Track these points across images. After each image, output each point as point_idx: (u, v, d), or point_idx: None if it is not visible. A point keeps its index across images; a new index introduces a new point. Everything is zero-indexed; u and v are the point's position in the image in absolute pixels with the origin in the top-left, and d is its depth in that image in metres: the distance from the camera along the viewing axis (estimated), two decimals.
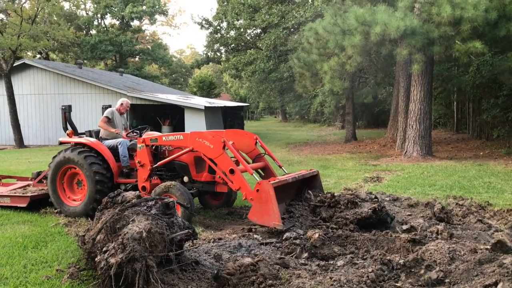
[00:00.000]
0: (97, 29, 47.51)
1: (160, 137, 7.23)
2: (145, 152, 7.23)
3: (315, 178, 7.05)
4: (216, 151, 6.48)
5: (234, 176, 6.30)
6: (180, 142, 7.01)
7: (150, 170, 7.19)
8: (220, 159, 6.45)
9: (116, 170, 7.60)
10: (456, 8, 12.25)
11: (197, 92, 51.02)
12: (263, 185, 5.83)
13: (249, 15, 33.50)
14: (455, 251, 4.55)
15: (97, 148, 7.61)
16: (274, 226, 5.71)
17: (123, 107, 8.53)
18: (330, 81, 16.30)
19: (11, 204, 7.93)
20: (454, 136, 22.22)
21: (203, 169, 7.11)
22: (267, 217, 5.74)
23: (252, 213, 5.94)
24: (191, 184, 7.25)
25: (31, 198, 7.86)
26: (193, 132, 6.87)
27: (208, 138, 6.61)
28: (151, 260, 4.15)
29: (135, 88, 27.14)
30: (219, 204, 8.04)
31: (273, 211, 5.66)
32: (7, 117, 23.95)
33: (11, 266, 5.01)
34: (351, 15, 13.77)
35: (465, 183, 9.95)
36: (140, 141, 7.28)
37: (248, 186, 6.15)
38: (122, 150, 7.67)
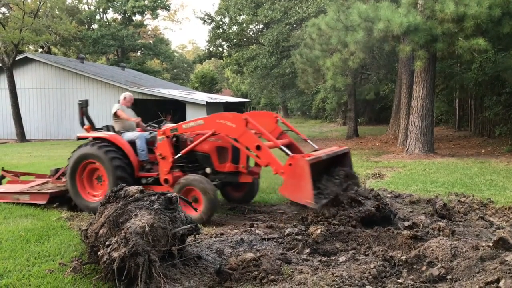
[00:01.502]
0: (99, 23, 47.42)
1: (179, 125, 7.01)
2: (166, 144, 7.06)
3: (346, 156, 6.84)
4: (239, 129, 6.30)
5: (261, 152, 6.09)
6: (201, 127, 6.79)
7: (172, 162, 7.02)
8: (244, 137, 6.27)
9: (136, 164, 7.45)
10: (460, 5, 12.21)
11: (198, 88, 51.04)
12: (298, 160, 5.63)
13: (251, 10, 33.40)
14: (457, 248, 4.56)
15: (117, 142, 7.46)
16: (306, 203, 5.57)
17: (127, 101, 8.43)
18: (333, 77, 16.28)
19: (30, 201, 7.81)
20: (456, 133, 22.19)
21: (226, 159, 7.01)
22: (299, 194, 5.60)
23: (284, 188, 5.76)
24: (213, 175, 7.09)
25: (51, 195, 7.75)
26: (213, 114, 6.69)
27: (229, 118, 6.43)
28: (153, 255, 4.16)
29: (137, 83, 27.14)
30: (241, 196, 7.91)
31: (307, 188, 5.50)
32: (9, 111, 23.97)
33: (14, 259, 5.03)
34: (354, 11, 13.74)
35: (467, 180, 9.94)
36: (160, 133, 7.11)
37: (277, 160, 5.96)
38: (140, 144, 7.54)
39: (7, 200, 8.00)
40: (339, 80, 16.67)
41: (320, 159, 5.99)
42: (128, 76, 30.73)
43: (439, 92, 22.15)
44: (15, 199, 7.96)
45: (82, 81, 24.91)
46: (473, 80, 18.07)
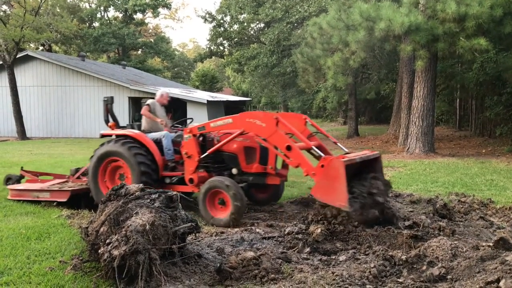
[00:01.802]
0: (100, 21, 47.43)
1: (207, 124, 6.85)
2: (192, 143, 6.92)
3: (377, 160, 6.51)
4: (269, 129, 6.10)
5: (292, 152, 5.90)
6: (229, 126, 6.62)
7: (198, 161, 6.89)
8: (275, 137, 6.08)
9: (161, 163, 7.32)
10: (461, 4, 12.21)
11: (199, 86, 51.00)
12: (333, 161, 5.46)
13: (252, 9, 33.39)
14: (457, 247, 4.56)
15: (142, 140, 7.33)
16: (339, 206, 5.37)
17: (163, 98, 8.29)
18: (334, 76, 16.28)
19: (50, 199, 7.71)
20: (456, 133, 22.19)
21: (253, 160, 6.88)
22: (333, 196, 5.40)
23: (316, 189, 5.58)
24: (240, 176, 6.97)
25: (72, 192, 7.64)
26: (243, 113, 6.55)
27: (259, 116, 6.26)
28: (154, 253, 4.17)
29: (138, 81, 27.13)
30: (266, 198, 7.76)
31: (341, 190, 5.29)
32: (10, 109, 23.96)
33: (15, 257, 5.03)
34: (355, 11, 13.73)
35: (467, 180, 9.94)
36: (187, 131, 6.98)
37: (308, 161, 5.81)
38: (166, 143, 7.41)
39: (26, 197, 7.91)
40: (340, 80, 16.68)
41: (354, 162, 5.79)
42: (129, 74, 30.73)
43: (440, 92, 22.15)
44: (35, 196, 7.85)
45: (83, 79, 24.90)
46: (474, 80, 18.06)
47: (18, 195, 8.05)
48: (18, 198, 7.99)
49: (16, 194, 8.09)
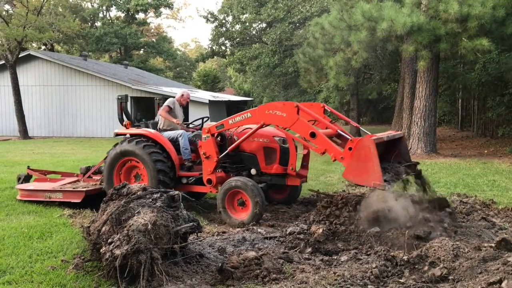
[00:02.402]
0: (102, 21, 47.48)
1: (225, 121, 6.69)
2: (210, 143, 6.76)
3: (401, 141, 6.39)
4: (290, 118, 5.95)
5: (317, 139, 5.73)
6: (248, 121, 6.46)
7: (217, 161, 6.75)
8: (297, 125, 5.91)
9: (178, 163, 7.21)
10: (464, 5, 12.19)
11: (201, 86, 51.00)
12: (362, 141, 5.33)
13: (254, 9, 33.40)
14: (459, 248, 4.55)
15: (158, 139, 7.22)
16: (374, 186, 5.23)
17: (183, 98, 8.20)
18: (336, 76, 16.26)
19: (63, 199, 7.54)
20: (458, 133, 22.16)
21: (273, 161, 6.79)
22: (366, 176, 5.26)
23: (348, 172, 5.44)
24: (259, 177, 6.89)
25: (86, 193, 7.46)
26: (261, 106, 6.39)
27: (278, 107, 6.10)
28: (156, 252, 4.18)
29: (140, 81, 27.16)
30: (283, 199, 7.67)
31: (374, 169, 5.16)
32: (12, 108, 24.01)
33: (17, 256, 5.04)
34: (357, 11, 13.72)
35: (469, 180, 9.93)
36: (205, 131, 6.82)
37: (334, 146, 5.69)
38: (183, 142, 7.32)
39: (38, 198, 7.74)
40: (341, 80, 16.66)
41: (382, 140, 5.70)
42: (131, 74, 30.75)
43: (442, 92, 22.13)
44: (47, 197, 7.67)
45: (85, 78, 24.94)
46: (476, 81, 18.05)
47: (28, 195, 7.87)
48: (29, 198, 7.82)
49: (26, 194, 7.90)
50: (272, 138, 6.83)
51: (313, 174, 10.89)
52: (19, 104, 23.56)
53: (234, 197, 6.52)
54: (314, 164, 13.03)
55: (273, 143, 6.84)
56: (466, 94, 22.02)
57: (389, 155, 6.16)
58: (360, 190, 8.69)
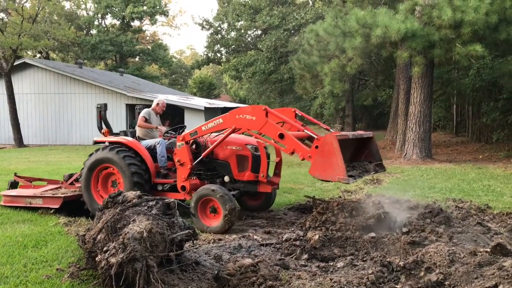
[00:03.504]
0: (97, 29, 47.49)
1: (199, 128, 6.83)
2: (185, 150, 6.92)
3: (371, 141, 6.67)
4: (259, 121, 6.14)
5: (285, 140, 5.93)
6: (220, 126, 6.60)
7: (191, 168, 6.90)
8: (266, 127, 6.10)
9: (153, 170, 7.34)
10: (457, 11, 12.30)
11: (196, 93, 51.07)
12: (326, 138, 5.53)
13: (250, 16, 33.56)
14: (455, 253, 4.56)
15: (135, 148, 7.36)
16: (339, 180, 5.40)
17: (159, 107, 8.29)
18: (331, 83, 16.34)
19: (43, 205, 7.67)
20: (453, 139, 22.25)
21: (245, 168, 6.89)
22: (330, 171, 5.43)
23: (314, 169, 5.61)
24: (232, 184, 7.01)
25: (64, 199, 7.61)
26: (232, 111, 6.50)
27: (248, 111, 6.28)
28: (151, 260, 4.15)
29: (135, 89, 27.15)
30: (258, 205, 7.77)
31: (338, 164, 5.34)
32: (7, 116, 23.93)
33: (11, 265, 5.01)
34: (352, 17, 13.81)
35: (465, 186, 9.96)
36: (180, 139, 6.98)
37: (302, 145, 5.84)
38: (160, 150, 7.45)
39: (19, 203, 7.88)
40: (337, 86, 16.74)
41: (347, 137, 5.94)
42: (126, 81, 30.75)
43: (436, 98, 22.24)
44: (27, 202, 7.81)
45: (80, 86, 24.90)
46: (470, 86, 18.17)
47: (10, 201, 8.01)
48: (11, 204, 7.95)
49: (9, 200, 8.04)
50: (244, 146, 6.95)
51: (308, 180, 10.90)
52: (14, 112, 23.49)
53: (207, 204, 6.58)
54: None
55: (245, 151, 6.94)
56: (460, 99, 22.15)
57: (360, 154, 6.48)
58: (355, 196, 8.71)
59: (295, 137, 6.03)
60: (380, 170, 6.47)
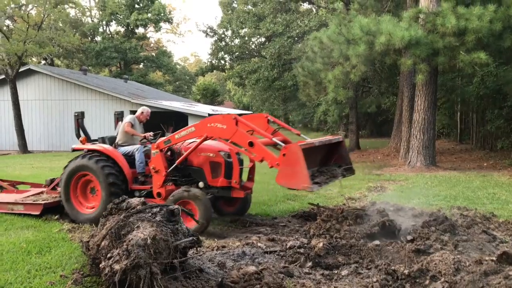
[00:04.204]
0: (102, 36, 47.76)
1: (172, 137, 7.01)
2: (159, 158, 7.09)
3: (340, 145, 6.84)
4: (230, 129, 6.30)
5: (255, 148, 6.07)
6: (193, 134, 6.79)
7: (165, 175, 7.07)
8: (236, 136, 6.27)
9: (130, 177, 7.48)
10: (461, 19, 12.31)
11: (200, 100, 51.22)
12: (291, 147, 5.65)
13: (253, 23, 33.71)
14: (460, 262, 4.53)
15: (112, 155, 7.50)
16: (303, 188, 5.54)
17: (143, 116, 8.42)
18: (334, 90, 16.34)
19: (24, 211, 7.81)
20: (457, 146, 22.17)
21: (218, 174, 7.02)
22: (295, 180, 5.55)
23: (280, 177, 5.71)
24: (206, 189, 7.12)
25: (44, 206, 7.78)
26: (204, 119, 6.69)
27: (218, 120, 6.43)
28: (155, 267, 4.14)
29: (139, 95, 27.24)
30: (234, 211, 7.88)
31: (302, 173, 5.47)
32: (12, 123, 24.04)
33: (15, 271, 5.01)
34: (355, 25, 13.83)
35: (469, 193, 9.91)
36: (154, 147, 7.15)
37: (271, 153, 5.95)
38: (139, 156, 7.58)
39: (1, 210, 8.01)
40: (340, 93, 16.73)
41: (313, 145, 6.06)
42: (130, 88, 30.85)
43: (440, 105, 22.19)
44: (9, 209, 7.96)
45: (84, 93, 25.01)
46: (474, 94, 18.12)
47: None
48: None
49: None
50: (217, 152, 7.09)
51: None
52: (19, 119, 23.59)
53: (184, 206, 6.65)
54: None
55: (218, 157, 7.07)
56: (464, 107, 22.09)
57: (330, 159, 6.70)
58: (360, 204, 8.69)
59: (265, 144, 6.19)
60: (348, 174, 6.62)
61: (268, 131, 7.13)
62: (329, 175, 6.23)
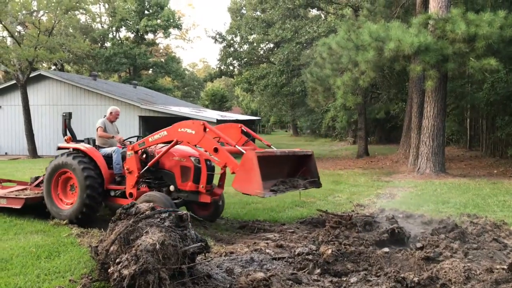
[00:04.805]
0: (112, 41, 48.17)
1: (146, 139, 7.26)
2: (133, 159, 7.35)
3: (309, 158, 7.05)
4: (198, 135, 6.51)
5: (219, 154, 6.28)
6: (165, 138, 6.98)
7: (138, 176, 7.31)
8: (203, 141, 6.47)
9: (107, 177, 7.76)
10: (471, 25, 12.26)
11: (209, 105, 51.36)
12: (246, 154, 5.86)
13: (262, 29, 33.79)
14: (471, 270, 4.48)
15: (91, 154, 7.80)
16: (255, 194, 5.71)
17: (112, 116, 8.71)
18: (343, 96, 16.31)
19: (7, 205, 8.21)
20: (467, 153, 22.01)
21: (188, 179, 7.20)
22: (249, 185, 5.75)
23: (235, 182, 5.95)
24: (177, 193, 7.33)
25: (26, 200, 8.12)
26: (175, 124, 6.87)
27: (188, 125, 6.64)
28: (164, 273, 4.14)
29: (149, 101, 27.37)
30: (207, 215, 8.03)
31: (256, 179, 5.66)
32: (22, 127, 24.24)
33: (25, 275, 5.03)
34: (365, 31, 13.83)
35: (479, 201, 9.82)
36: (130, 149, 7.41)
37: (233, 160, 6.13)
38: (116, 158, 7.84)
39: None
40: (349, 99, 16.69)
41: (272, 154, 6.32)
42: (139, 93, 31.02)
43: (450, 111, 22.08)
44: None
45: (94, 98, 25.19)
46: (484, 100, 18.00)
47: None
48: None
49: None
50: (188, 157, 7.25)
51: (321, 194, 10.85)
52: (29, 123, 23.79)
53: None
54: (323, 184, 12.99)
55: (188, 162, 7.23)
56: (474, 113, 21.95)
57: (297, 171, 6.91)
58: (368, 210, 8.64)
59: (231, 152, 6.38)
60: (310, 186, 6.78)
61: (242, 140, 7.48)
62: (290, 185, 6.45)
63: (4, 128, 26.24)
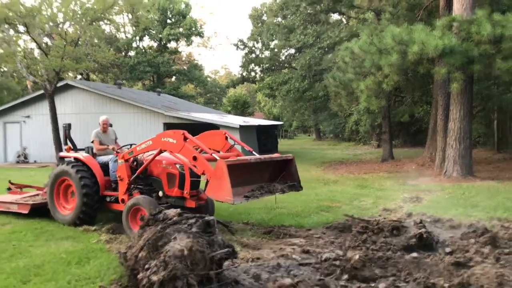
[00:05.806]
0: (135, 50, 48.88)
1: (134, 148, 7.68)
2: (123, 167, 7.79)
3: (289, 163, 7.29)
4: (178, 144, 6.82)
5: (197, 162, 6.55)
6: (150, 147, 7.35)
7: (128, 183, 7.72)
8: (183, 150, 6.79)
9: (103, 183, 8.22)
10: (497, 26, 12.04)
11: (231, 111, 51.57)
12: (218, 163, 6.11)
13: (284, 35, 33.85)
14: (503, 275, 4.39)
15: (88, 163, 8.33)
16: (226, 201, 5.97)
17: (102, 126, 9.22)
18: (367, 99, 16.19)
19: (17, 210, 8.88)
20: (495, 156, 21.54)
21: (174, 185, 7.47)
22: (220, 192, 6.02)
23: (208, 189, 6.26)
24: (165, 198, 7.60)
25: (32, 206, 8.79)
26: (158, 134, 7.34)
27: (170, 135, 6.99)
28: (192, 279, 4.17)
29: (172, 107, 27.67)
30: None
31: (226, 187, 5.91)
32: (50, 136, 24.78)
33: (56, 281, 5.14)
34: (387, 34, 13.71)
35: (510, 204, 9.59)
36: (120, 157, 7.86)
37: (211, 168, 6.34)
38: (112, 166, 8.29)
39: (2, 208, 9.17)
40: (373, 103, 16.57)
41: (246, 162, 6.57)
42: (163, 101, 31.38)
43: (476, 113, 21.66)
44: (6, 208, 9.10)
45: (119, 106, 25.59)
46: None
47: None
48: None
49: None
50: (173, 164, 7.53)
51: (346, 198, 10.77)
52: (57, 132, 24.29)
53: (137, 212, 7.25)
54: (347, 188, 12.90)
55: (174, 169, 7.52)
56: (502, 115, 21.51)
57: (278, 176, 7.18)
58: (396, 215, 8.54)
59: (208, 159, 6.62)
60: (289, 190, 7.02)
61: (226, 146, 7.84)
62: (265, 190, 6.70)
63: (33, 137, 26.87)
